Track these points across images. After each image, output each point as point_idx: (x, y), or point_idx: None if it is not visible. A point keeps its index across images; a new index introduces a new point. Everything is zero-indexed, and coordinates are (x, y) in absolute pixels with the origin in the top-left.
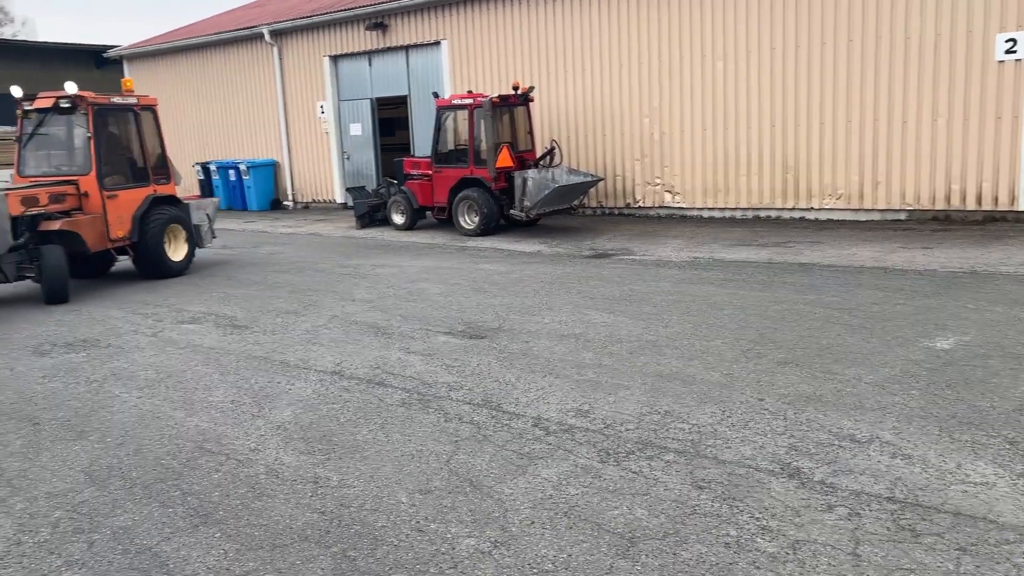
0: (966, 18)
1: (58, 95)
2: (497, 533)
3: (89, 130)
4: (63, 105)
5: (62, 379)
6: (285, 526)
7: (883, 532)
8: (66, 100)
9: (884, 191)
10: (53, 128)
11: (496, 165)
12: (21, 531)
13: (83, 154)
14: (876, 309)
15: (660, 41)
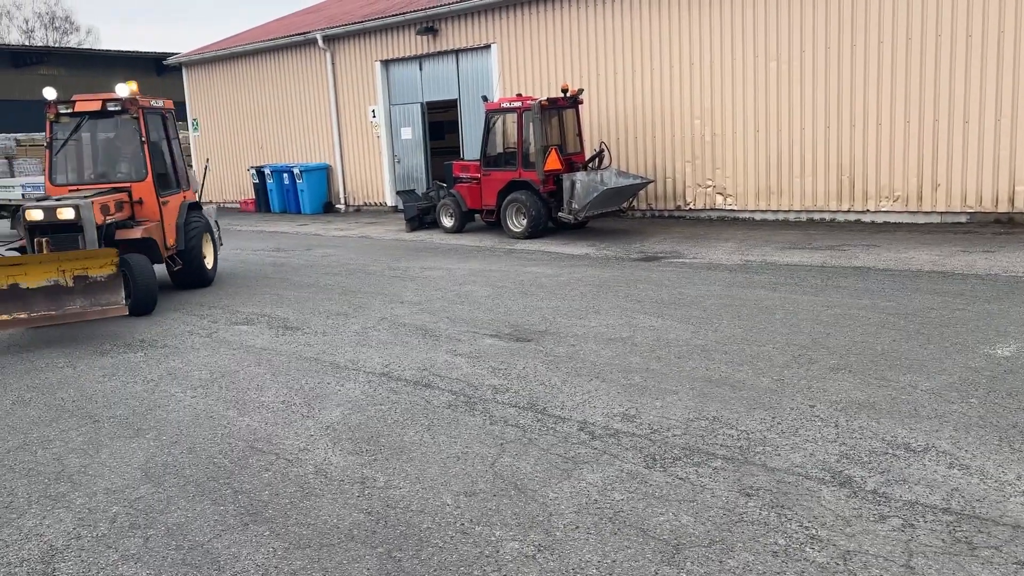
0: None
1: (106, 97)
2: (541, 537)
3: (142, 134)
4: (112, 108)
5: (121, 378)
6: (332, 525)
7: (938, 544)
8: (115, 103)
9: (944, 193)
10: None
11: (545, 168)
12: (81, 525)
13: (137, 159)
14: (934, 314)
15: (712, 42)
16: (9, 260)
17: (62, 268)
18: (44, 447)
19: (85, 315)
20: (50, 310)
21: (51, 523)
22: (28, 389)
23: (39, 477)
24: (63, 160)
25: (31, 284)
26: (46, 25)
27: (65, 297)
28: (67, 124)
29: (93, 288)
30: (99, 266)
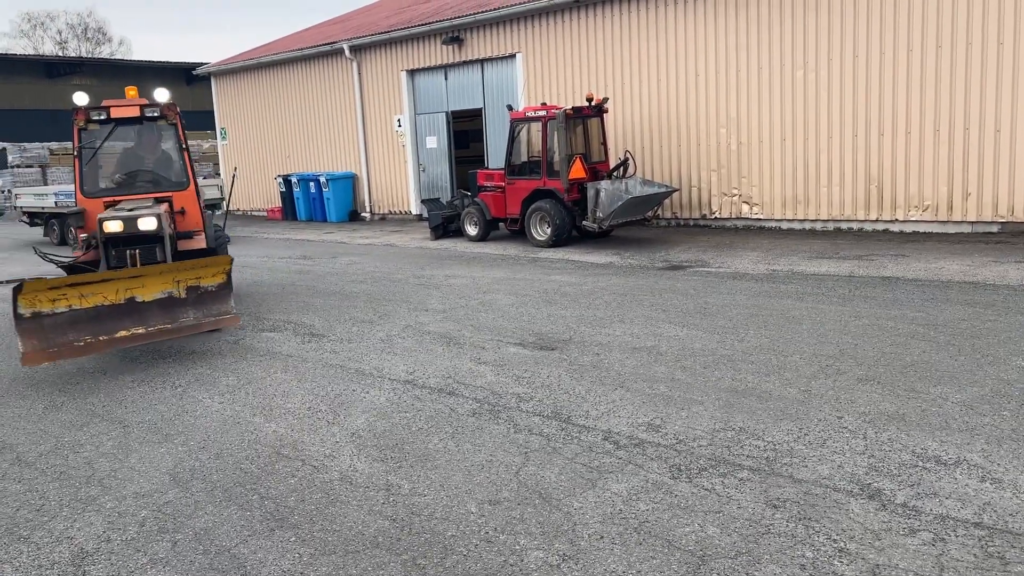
0: None
1: (143, 103)
2: (566, 547)
3: (182, 140)
4: (150, 114)
5: (150, 383)
6: (357, 532)
7: (970, 559)
8: (154, 108)
9: (975, 202)
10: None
11: (569, 176)
12: (110, 529)
13: (177, 167)
14: (964, 325)
15: (738, 50)
16: (128, 272)
17: (177, 279)
18: (75, 451)
19: (200, 327)
20: (166, 323)
21: (81, 526)
22: (60, 394)
23: (70, 481)
24: (95, 169)
25: (147, 297)
26: (79, 36)
27: (178, 309)
28: (98, 131)
29: (204, 299)
30: (212, 275)
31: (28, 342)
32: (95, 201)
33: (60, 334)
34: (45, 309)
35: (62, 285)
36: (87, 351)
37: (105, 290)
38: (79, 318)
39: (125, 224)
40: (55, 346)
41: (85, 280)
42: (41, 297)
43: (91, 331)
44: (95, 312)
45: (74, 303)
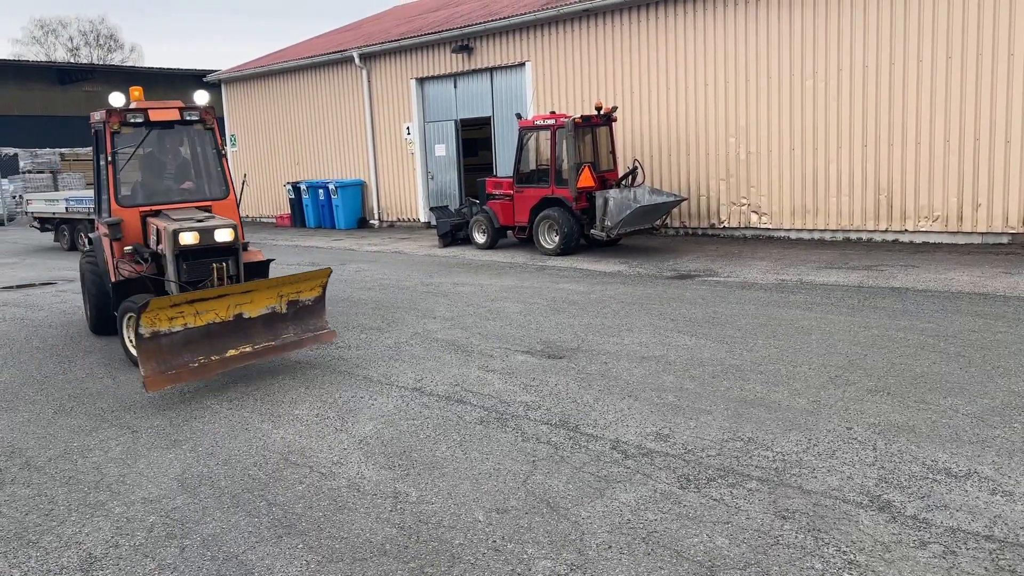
0: None
1: (180, 106)
2: (574, 556)
3: (220, 147)
4: (189, 118)
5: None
6: (365, 540)
7: (981, 572)
8: (193, 112)
9: (985, 213)
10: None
11: (577, 185)
12: (119, 534)
13: (215, 175)
14: (975, 337)
15: (747, 59)
16: (240, 288)
17: (281, 293)
18: (84, 456)
19: (300, 344)
20: (269, 341)
21: (90, 531)
22: (69, 399)
23: (79, 486)
24: (129, 177)
25: (253, 313)
26: (91, 43)
27: (280, 325)
28: (132, 135)
29: (302, 313)
30: (310, 289)
31: (148, 364)
32: (131, 211)
33: (176, 355)
34: (163, 328)
35: (182, 302)
36: (202, 373)
37: (218, 307)
38: (192, 337)
39: (201, 236)
40: (173, 368)
41: (201, 296)
42: (161, 315)
43: (204, 351)
44: (207, 330)
45: (189, 321)
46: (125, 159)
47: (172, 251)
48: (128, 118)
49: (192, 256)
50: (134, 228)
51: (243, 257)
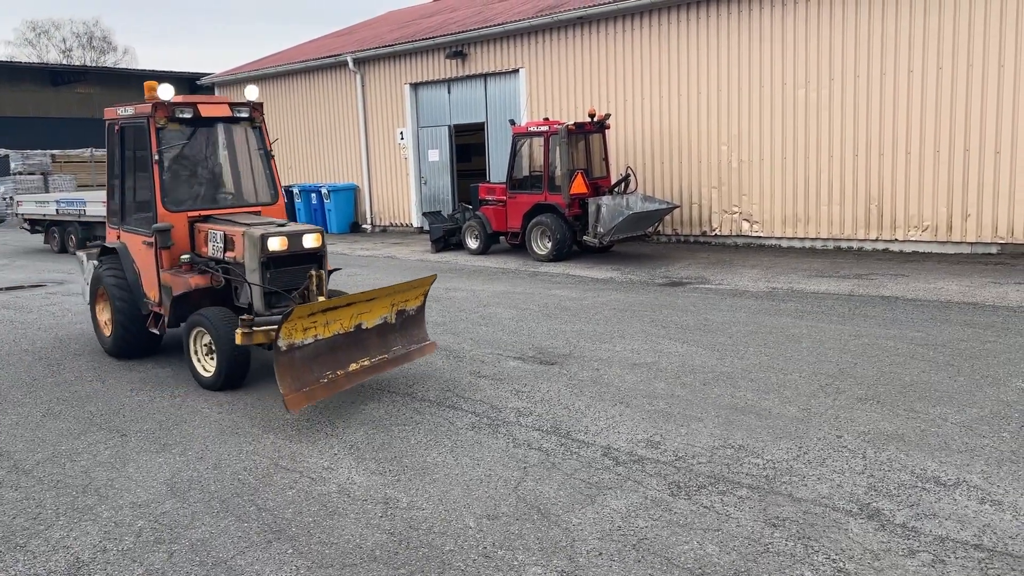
0: None
1: (229, 101)
2: (564, 563)
3: (269, 147)
4: (240, 115)
5: (148, 392)
6: (355, 545)
7: None
8: (243, 108)
9: (974, 223)
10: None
11: (570, 191)
12: (106, 539)
13: (263, 178)
14: (964, 346)
15: (740, 68)
16: (364, 296)
17: (393, 302)
18: (72, 460)
19: (408, 356)
20: (383, 353)
21: (78, 536)
22: (58, 402)
23: (67, 489)
24: (175, 178)
25: (369, 324)
26: (84, 45)
27: (389, 336)
28: (176, 133)
29: (407, 324)
30: (415, 297)
31: (286, 381)
32: (178, 216)
33: (307, 370)
34: (298, 340)
35: (318, 311)
36: (331, 390)
37: (343, 316)
38: (320, 350)
39: (290, 242)
40: (306, 384)
41: (333, 305)
42: (298, 326)
43: (330, 365)
44: (331, 343)
45: (319, 332)
46: (170, 159)
47: (258, 258)
48: (176, 113)
49: (276, 264)
50: (179, 235)
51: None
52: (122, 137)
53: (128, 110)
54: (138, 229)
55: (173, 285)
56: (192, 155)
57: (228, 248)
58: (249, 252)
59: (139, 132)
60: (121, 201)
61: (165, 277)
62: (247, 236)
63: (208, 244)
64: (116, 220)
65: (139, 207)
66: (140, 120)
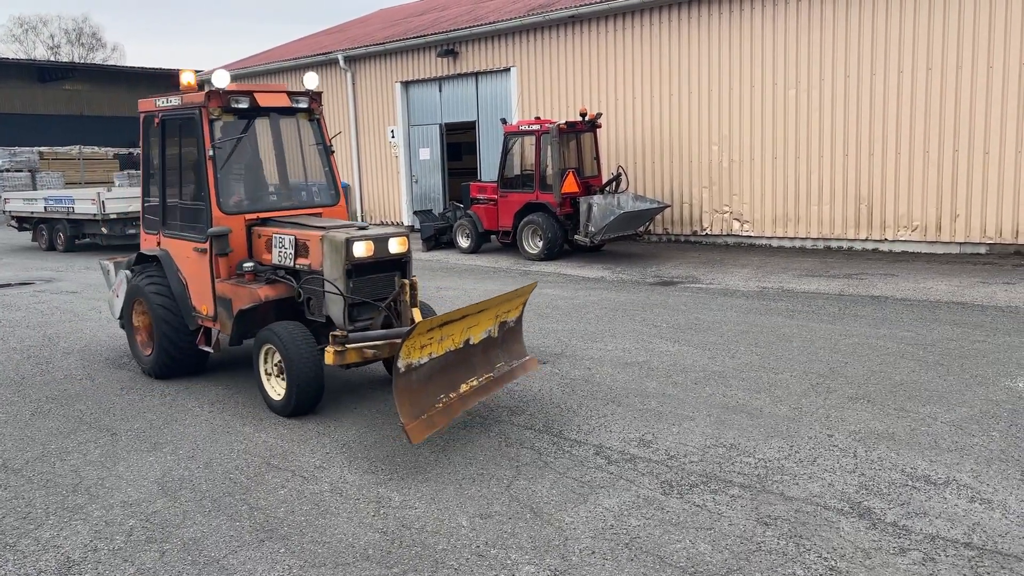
0: None
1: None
2: (557, 562)
3: (328, 142)
4: (300, 105)
5: (138, 391)
6: (348, 544)
7: None
8: (301, 98)
9: (963, 224)
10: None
11: (562, 190)
12: (97, 538)
13: (327, 176)
14: (953, 346)
15: (731, 68)
16: (476, 307)
17: (497, 313)
18: (62, 459)
19: (512, 374)
20: (488, 372)
21: (68, 535)
22: (47, 401)
23: (57, 489)
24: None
25: (476, 338)
26: (72, 41)
27: (492, 352)
28: (230, 125)
29: (507, 337)
30: (515, 308)
31: (406, 407)
32: (235, 219)
33: (424, 393)
34: (414, 360)
35: (436, 326)
36: (448, 416)
37: (455, 331)
38: (433, 370)
39: (376, 247)
40: (424, 410)
41: (449, 318)
42: (416, 343)
43: (443, 386)
44: (443, 361)
45: (434, 350)
46: (224, 155)
47: (342, 266)
48: (231, 103)
49: (357, 272)
50: (235, 240)
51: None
52: (163, 131)
53: (172, 100)
54: (185, 234)
55: (235, 297)
56: (246, 151)
57: (300, 254)
58: (330, 259)
59: (187, 125)
60: (162, 203)
61: (223, 288)
62: (327, 241)
63: (273, 250)
64: (155, 224)
65: (186, 210)
66: (189, 111)
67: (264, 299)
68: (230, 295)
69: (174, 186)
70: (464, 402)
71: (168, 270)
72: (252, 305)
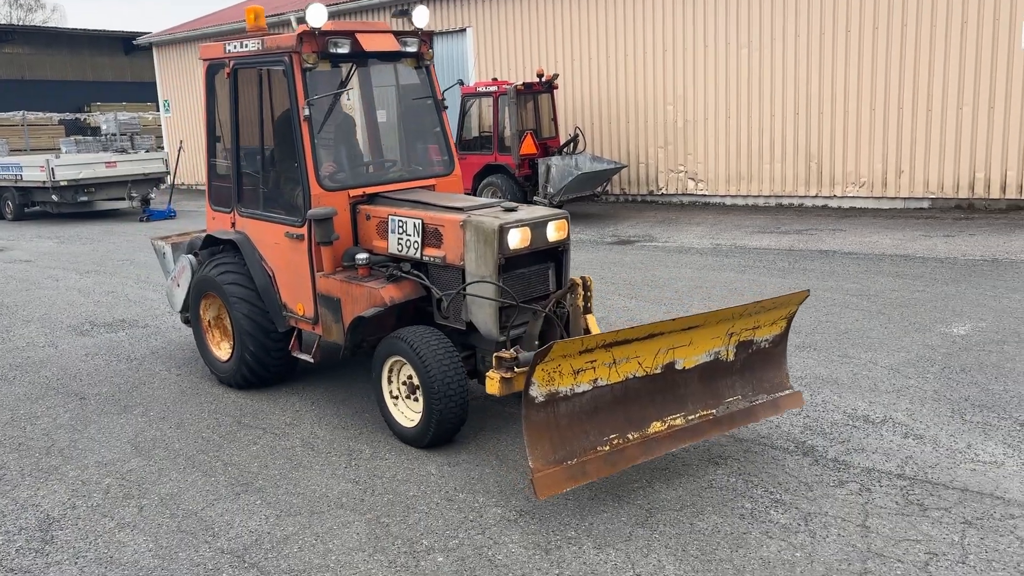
0: (993, 6)
1: (389, 28)
2: (522, 503)
3: (440, 95)
4: (408, 49)
5: (104, 357)
6: (322, 494)
7: (892, 506)
8: (411, 39)
9: (907, 179)
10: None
11: (520, 152)
12: (75, 496)
13: (434, 139)
14: (895, 296)
15: (684, 29)
16: (679, 323)
17: (731, 330)
18: (32, 423)
19: (752, 414)
20: (708, 408)
21: (46, 494)
22: (11, 368)
23: (30, 451)
24: (329, 142)
25: (689, 362)
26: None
27: (722, 381)
28: (325, 75)
29: (754, 362)
30: (771, 323)
31: (539, 449)
32: (338, 196)
33: (578, 432)
34: (564, 388)
35: (597, 345)
36: (613, 466)
37: (643, 352)
38: (602, 402)
39: (533, 234)
40: (574, 454)
41: (622, 337)
42: (565, 367)
43: (617, 424)
44: (624, 390)
45: (601, 375)
46: (321, 115)
47: (494, 259)
48: (329, 47)
49: (508, 266)
50: (338, 223)
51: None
52: (235, 83)
53: (249, 44)
54: (272, 215)
55: (347, 298)
56: (339, 109)
57: (430, 243)
58: (476, 250)
59: (271, 75)
60: (236, 174)
61: (329, 285)
62: (472, 227)
63: (389, 236)
64: (226, 199)
65: (272, 184)
66: (275, 58)
67: (390, 303)
68: (340, 295)
69: (254, 155)
70: (649, 449)
71: (249, 259)
72: (375, 312)
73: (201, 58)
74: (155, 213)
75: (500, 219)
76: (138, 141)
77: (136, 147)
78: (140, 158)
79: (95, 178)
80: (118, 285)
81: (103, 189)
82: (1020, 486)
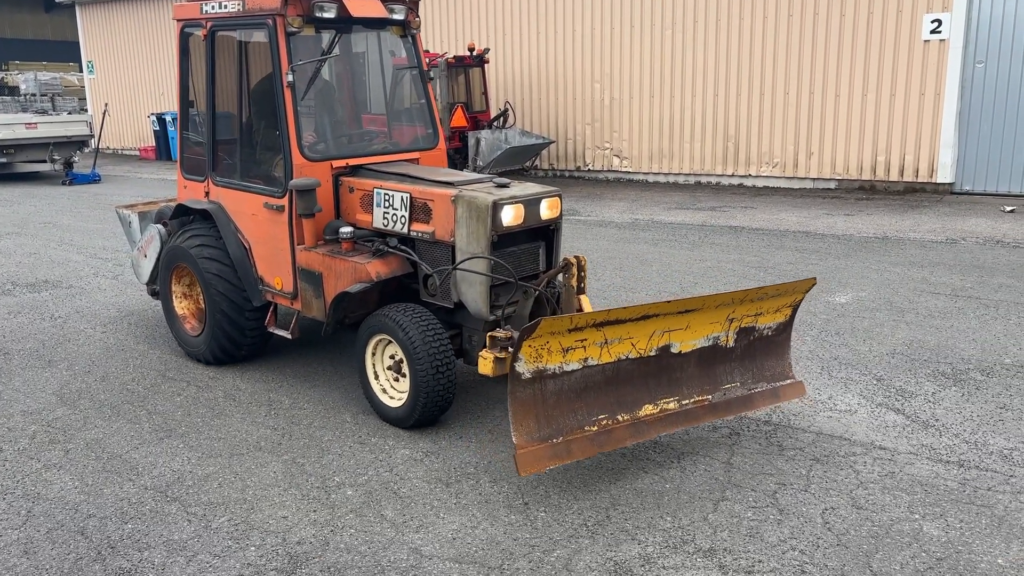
0: (896, 1)
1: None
2: (429, 445)
3: (425, 66)
4: (395, 16)
5: (27, 315)
6: (241, 439)
7: (755, 447)
8: (398, 6)
9: (816, 161)
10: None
11: (450, 125)
12: (1, 441)
13: (423, 111)
14: (790, 268)
15: (613, 8)
16: (676, 306)
17: (732, 315)
18: None
19: (750, 402)
20: (703, 394)
21: None
22: None
23: None
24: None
25: (685, 347)
26: None
27: (720, 368)
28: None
29: (755, 350)
30: (775, 310)
31: (524, 426)
32: (320, 166)
33: (566, 411)
34: (552, 365)
35: (587, 324)
36: (601, 445)
37: (636, 333)
38: (592, 382)
39: (526, 212)
40: (560, 432)
41: (613, 317)
42: (553, 344)
43: (606, 405)
44: (615, 371)
45: (591, 355)
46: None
47: (486, 236)
48: (315, 10)
49: (500, 243)
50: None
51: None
52: (211, 46)
53: (227, 5)
54: (250, 184)
55: (329, 273)
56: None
57: (418, 218)
58: (467, 226)
59: (251, 39)
60: (210, 142)
61: (310, 259)
62: (464, 202)
63: (374, 210)
64: (199, 168)
65: (249, 153)
66: (256, 20)
67: (376, 278)
68: (321, 269)
69: (232, 122)
70: (639, 431)
71: (224, 229)
72: (362, 287)
73: (175, 18)
74: (79, 177)
75: (494, 195)
76: (60, 102)
77: (58, 108)
78: (62, 120)
79: (14, 139)
80: (40, 247)
81: (23, 151)
82: (865, 430)
